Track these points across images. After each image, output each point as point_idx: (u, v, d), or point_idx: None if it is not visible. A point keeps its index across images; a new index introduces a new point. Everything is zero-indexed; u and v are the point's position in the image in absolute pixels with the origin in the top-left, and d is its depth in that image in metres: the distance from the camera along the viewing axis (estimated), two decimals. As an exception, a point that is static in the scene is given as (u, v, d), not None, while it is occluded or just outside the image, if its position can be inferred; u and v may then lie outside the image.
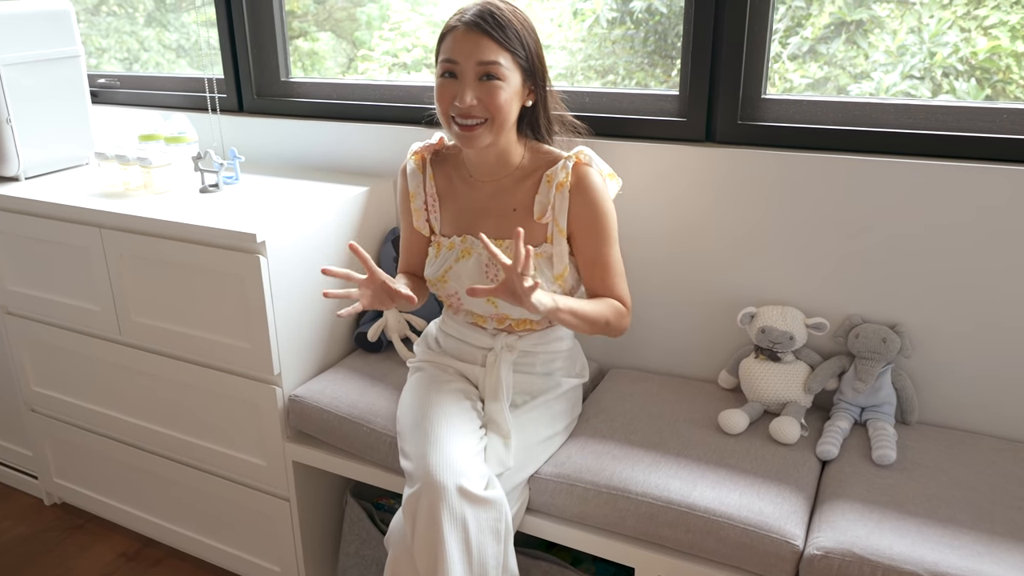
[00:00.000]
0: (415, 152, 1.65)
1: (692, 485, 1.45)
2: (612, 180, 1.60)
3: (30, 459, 2.38)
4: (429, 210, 1.64)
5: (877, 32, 1.77)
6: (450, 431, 1.46)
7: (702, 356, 1.85)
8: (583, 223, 1.52)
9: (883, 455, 1.51)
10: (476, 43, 1.40)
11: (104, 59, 2.83)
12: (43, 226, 1.96)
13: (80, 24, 2.76)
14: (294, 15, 2.51)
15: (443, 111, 1.46)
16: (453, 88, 1.43)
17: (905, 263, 1.61)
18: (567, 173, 1.50)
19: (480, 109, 1.42)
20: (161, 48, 2.77)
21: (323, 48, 2.55)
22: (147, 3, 2.73)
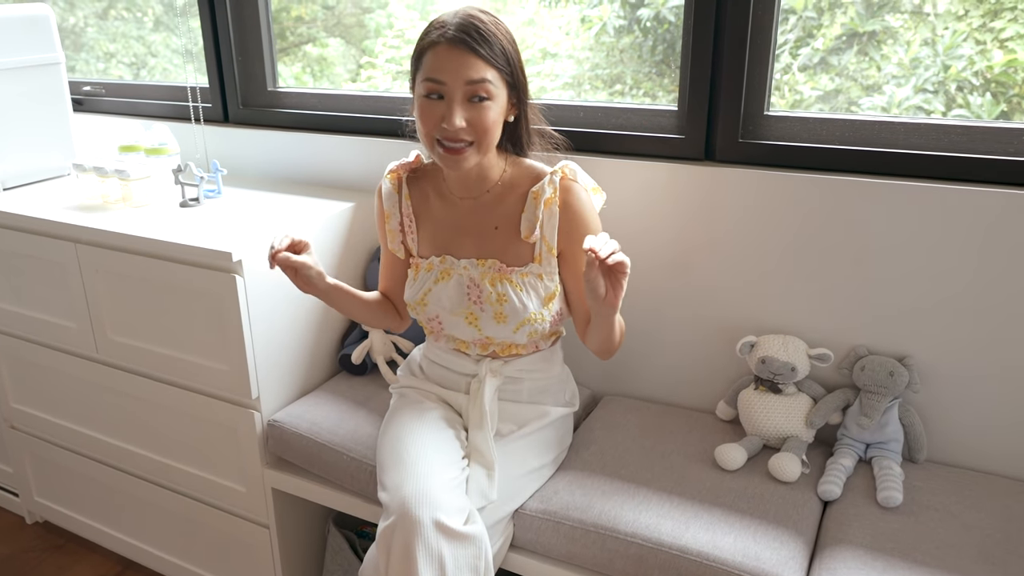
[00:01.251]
0: (391, 171, 1.57)
1: (685, 526, 1.37)
2: (596, 194, 1.53)
3: (11, 476, 2.32)
4: (406, 231, 1.56)
5: (890, 44, 1.71)
6: (429, 462, 1.38)
7: (699, 385, 1.77)
8: (572, 241, 1.45)
9: (889, 497, 1.42)
10: (463, 61, 1.32)
11: (112, 64, 2.79)
12: (19, 240, 1.90)
13: (89, 28, 2.72)
14: (302, 20, 2.47)
15: (427, 133, 1.38)
16: (439, 109, 1.34)
17: (915, 292, 1.52)
18: (554, 189, 1.43)
19: (468, 131, 1.35)
20: (169, 53, 2.72)
21: (332, 54, 2.50)
22: (156, 8, 2.68)
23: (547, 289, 1.47)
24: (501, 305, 1.45)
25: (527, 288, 1.46)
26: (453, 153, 1.36)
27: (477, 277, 1.47)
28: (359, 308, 1.59)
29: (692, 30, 1.61)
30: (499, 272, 1.46)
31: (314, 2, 2.45)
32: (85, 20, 2.76)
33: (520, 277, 1.46)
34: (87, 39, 2.78)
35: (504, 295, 1.45)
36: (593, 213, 1.47)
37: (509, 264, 1.46)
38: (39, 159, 2.12)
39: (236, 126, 2.21)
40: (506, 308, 1.45)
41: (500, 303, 1.45)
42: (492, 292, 1.45)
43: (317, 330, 1.84)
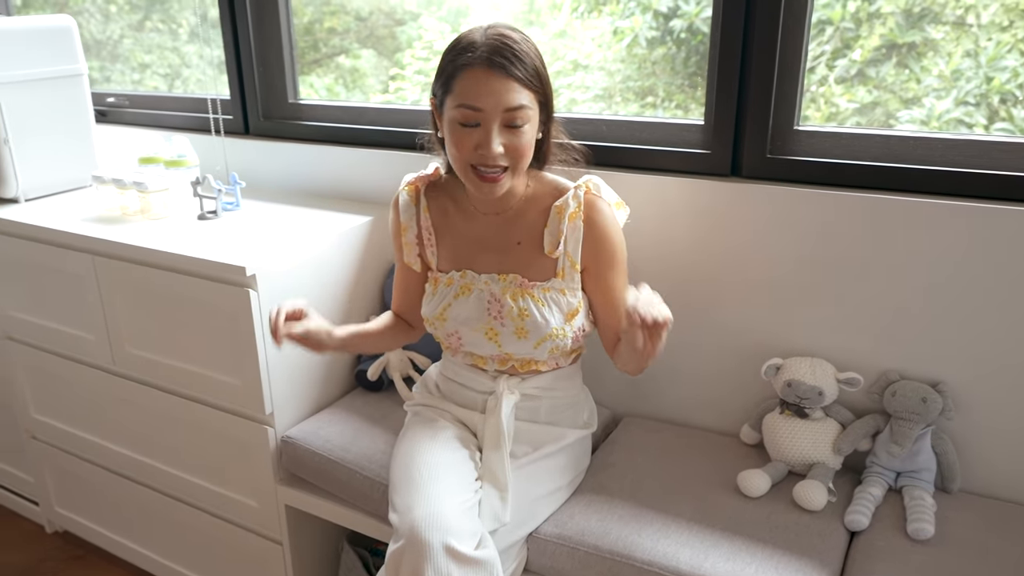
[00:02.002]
0: (409, 183, 1.54)
1: (704, 555, 1.32)
2: (620, 209, 1.49)
3: (32, 486, 2.33)
4: (424, 244, 1.53)
5: (931, 55, 1.65)
6: (441, 484, 1.35)
7: (723, 408, 1.72)
8: (597, 255, 1.41)
9: (919, 529, 1.35)
10: (500, 87, 1.27)
11: (147, 75, 2.81)
12: (38, 251, 1.90)
13: (125, 40, 2.74)
14: (335, 32, 2.46)
15: (462, 159, 1.33)
16: (475, 136, 1.29)
17: (950, 315, 1.46)
18: (578, 203, 1.40)
19: (504, 156, 1.31)
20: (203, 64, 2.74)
21: (365, 66, 2.49)
22: (190, 19, 2.69)
23: (570, 305, 1.43)
24: (523, 320, 1.41)
25: (549, 303, 1.42)
26: (490, 181, 1.33)
27: (498, 292, 1.44)
28: (377, 342, 1.60)
29: (720, 42, 1.56)
30: (521, 287, 1.43)
31: (347, 14, 2.45)
32: (122, 32, 2.79)
33: (542, 292, 1.42)
34: (123, 50, 2.80)
35: (526, 310, 1.41)
36: (617, 229, 1.43)
37: (531, 279, 1.43)
38: (61, 170, 2.13)
39: (256, 138, 2.20)
40: (528, 323, 1.41)
41: (522, 318, 1.41)
42: (514, 307, 1.42)
43: (333, 345, 1.82)
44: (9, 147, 1.97)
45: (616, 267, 1.43)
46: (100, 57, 2.85)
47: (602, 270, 1.42)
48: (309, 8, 2.43)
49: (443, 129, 1.35)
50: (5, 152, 1.98)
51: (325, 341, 1.45)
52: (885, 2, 1.66)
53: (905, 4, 1.64)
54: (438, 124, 1.39)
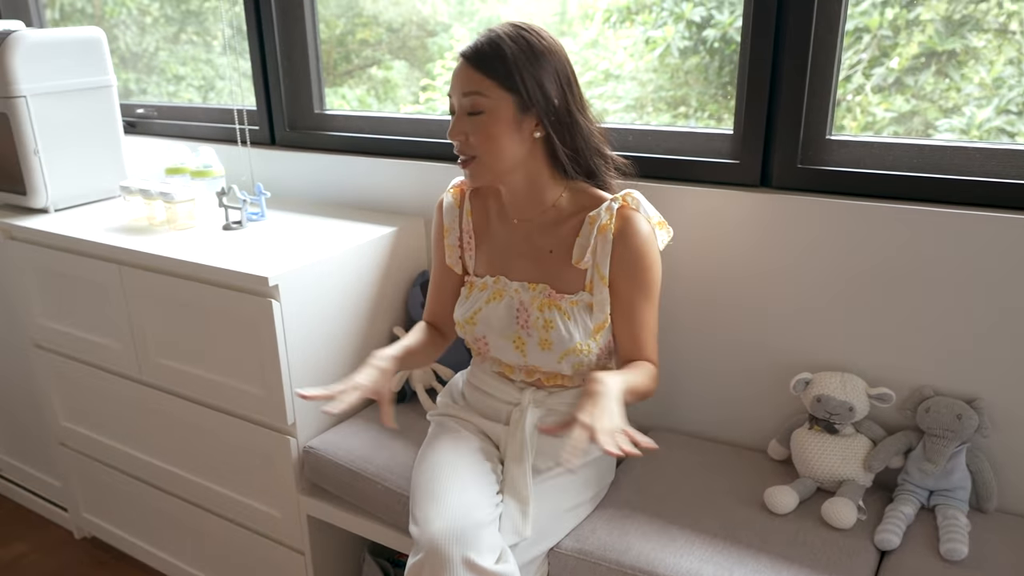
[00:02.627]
0: (454, 186, 1.56)
1: (728, 572, 1.29)
2: (662, 230, 1.44)
3: (61, 492, 2.35)
4: (464, 247, 1.54)
5: (971, 63, 1.60)
6: (462, 497, 1.33)
7: (751, 422, 1.68)
8: (625, 272, 1.38)
9: (953, 549, 1.31)
10: (462, 75, 1.35)
11: (181, 86, 2.84)
12: (67, 260, 1.92)
13: (160, 52, 2.77)
14: (367, 43, 2.47)
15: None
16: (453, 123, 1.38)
17: (987, 330, 1.42)
18: (611, 216, 1.37)
19: (468, 145, 1.37)
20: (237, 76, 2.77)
21: (396, 76, 2.50)
22: (224, 32, 2.72)
23: (596, 320, 1.41)
24: (547, 332, 1.40)
25: (575, 317, 1.40)
26: (462, 165, 1.39)
27: (527, 301, 1.43)
28: (420, 358, 1.57)
29: (750, 50, 1.53)
30: (548, 298, 1.42)
31: (379, 25, 2.45)
32: (157, 44, 2.82)
33: (569, 305, 1.40)
34: (158, 62, 2.84)
35: (551, 322, 1.40)
36: (651, 248, 1.38)
37: (559, 290, 1.42)
38: (90, 181, 2.15)
39: (282, 149, 2.21)
40: (552, 335, 1.40)
41: (546, 330, 1.40)
42: (539, 318, 1.40)
43: (356, 356, 1.81)
44: (39, 158, 2.00)
45: (643, 289, 1.39)
46: (136, 69, 2.89)
47: (628, 289, 1.39)
48: (342, 20, 2.44)
49: None
50: (35, 163, 2.00)
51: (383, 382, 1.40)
52: (924, 9, 1.62)
53: (945, 11, 1.60)
54: None
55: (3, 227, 2.03)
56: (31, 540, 2.37)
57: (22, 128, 1.96)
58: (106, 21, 2.91)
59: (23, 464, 2.46)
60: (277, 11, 2.10)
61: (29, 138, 1.97)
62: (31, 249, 1.99)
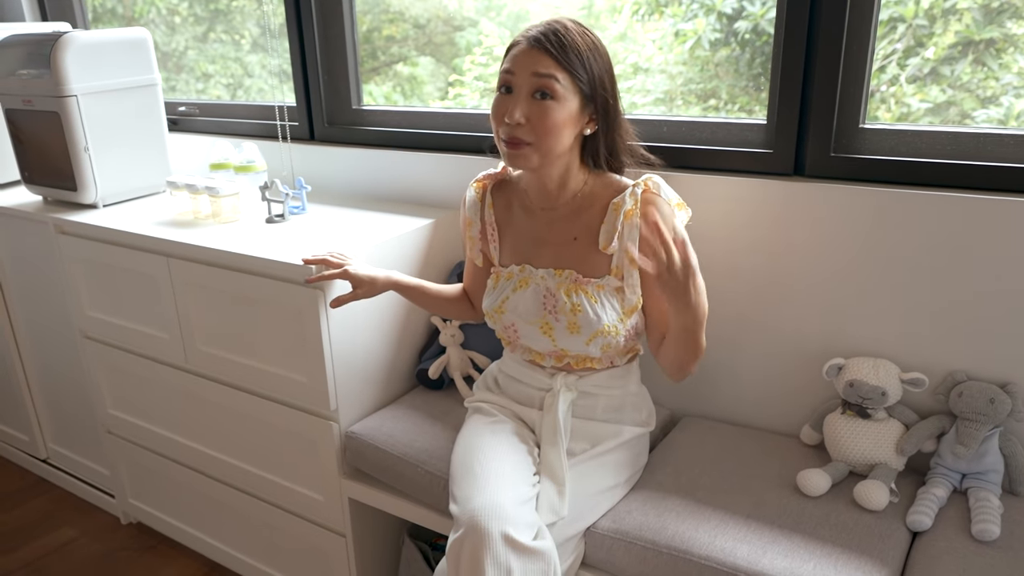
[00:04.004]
0: (477, 180, 1.60)
1: (762, 551, 1.32)
2: (681, 210, 1.50)
3: (108, 479, 2.42)
4: (488, 239, 1.58)
5: (1010, 52, 1.60)
6: (500, 476, 1.38)
7: (783, 408, 1.71)
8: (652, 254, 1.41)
9: (984, 530, 1.33)
10: (536, 56, 1.34)
11: (210, 84, 2.91)
12: (116, 253, 1.99)
13: (189, 51, 2.84)
14: (394, 40, 2.51)
15: (495, 129, 1.41)
16: (507, 104, 1.37)
17: (1020, 314, 1.43)
18: (635, 201, 1.42)
19: (527, 131, 1.36)
20: (265, 74, 2.82)
21: (422, 73, 2.53)
22: (252, 30, 2.77)
23: (629, 302, 1.45)
24: (575, 315, 1.44)
25: (602, 300, 1.44)
26: (512, 148, 1.38)
27: (553, 287, 1.47)
28: (436, 304, 1.70)
29: (783, 40, 1.56)
30: (575, 283, 1.45)
31: (405, 21, 2.48)
32: (186, 43, 2.89)
33: (596, 289, 1.44)
34: (188, 61, 2.90)
35: (579, 305, 1.43)
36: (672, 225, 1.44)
37: (586, 275, 1.46)
38: (137, 177, 2.22)
39: (322, 144, 2.26)
40: (580, 318, 1.43)
41: (574, 313, 1.44)
42: (567, 302, 1.44)
43: (395, 345, 1.86)
44: (89, 155, 2.07)
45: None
46: (166, 68, 2.96)
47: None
48: (368, 16, 2.48)
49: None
50: (85, 160, 2.07)
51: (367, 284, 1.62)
52: None
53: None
54: None
55: (55, 222, 2.11)
56: (79, 526, 2.44)
57: (73, 126, 2.03)
58: (136, 21, 2.98)
59: (71, 452, 2.54)
60: (317, 9, 2.15)
61: (79, 136, 2.05)
62: (81, 243, 2.06)
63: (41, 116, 2.08)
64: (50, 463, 2.64)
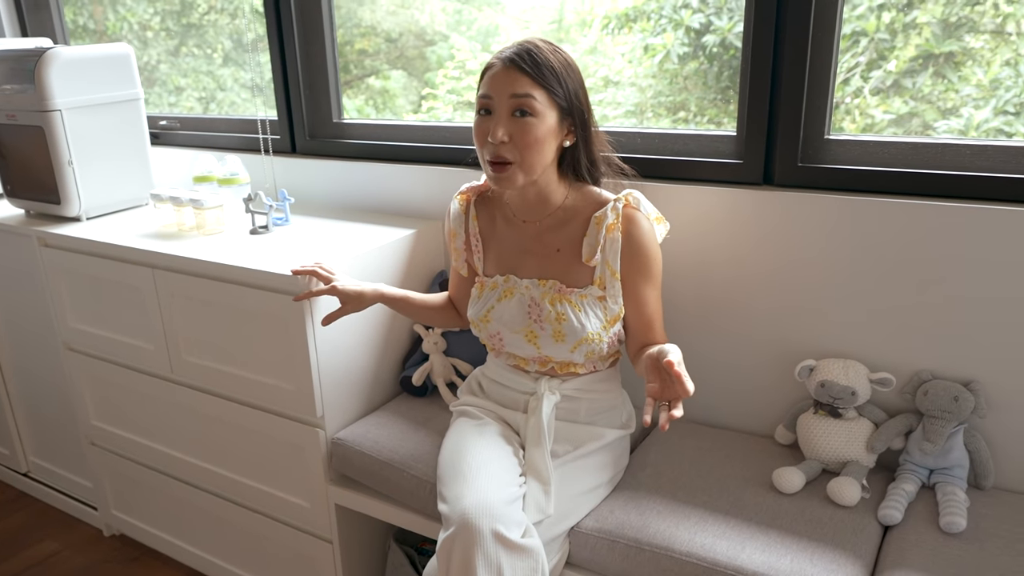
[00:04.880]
0: (461, 193, 1.65)
1: (741, 547, 1.37)
2: (660, 224, 1.56)
3: (90, 491, 2.43)
4: (472, 250, 1.62)
5: (968, 65, 1.67)
6: (489, 476, 1.42)
7: (757, 409, 1.76)
8: (633, 266, 1.48)
9: (952, 522, 1.39)
10: (512, 78, 1.39)
11: (183, 97, 2.93)
12: (101, 266, 2.00)
13: (161, 65, 2.86)
14: (366, 53, 2.54)
15: (479, 151, 1.46)
16: (487, 125, 1.42)
17: (981, 315, 1.50)
18: (617, 215, 1.47)
19: (510, 148, 1.40)
20: (237, 87, 2.84)
21: (395, 86, 2.57)
22: (225, 44, 2.80)
23: (611, 312, 1.50)
24: (560, 324, 1.48)
25: (586, 309, 1.49)
26: (498, 170, 1.42)
27: (538, 296, 1.51)
28: (422, 313, 1.74)
29: (751, 54, 1.62)
30: (559, 292, 1.50)
31: (377, 35, 2.52)
32: (158, 57, 2.90)
33: (579, 298, 1.49)
34: (160, 75, 2.92)
35: (563, 314, 1.48)
36: (654, 242, 1.50)
37: (569, 285, 1.50)
38: (120, 190, 2.24)
39: (303, 157, 2.30)
40: (564, 327, 1.48)
41: (559, 322, 1.48)
42: (552, 311, 1.49)
43: (379, 352, 1.90)
44: (73, 168, 2.09)
45: (650, 279, 1.50)
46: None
47: (636, 281, 1.49)
48: (340, 30, 2.51)
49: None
50: (69, 173, 2.09)
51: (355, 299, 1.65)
52: (921, 12, 1.68)
53: (942, 14, 1.66)
54: None
55: (38, 235, 2.12)
56: (61, 539, 2.44)
57: (57, 140, 2.05)
58: (108, 36, 2.99)
59: (52, 465, 2.54)
60: (298, 24, 2.19)
61: (63, 150, 2.06)
62: (65, 256, 2.08)
63: (25, 130, 2.09)
64: (31, 476, 2.63)
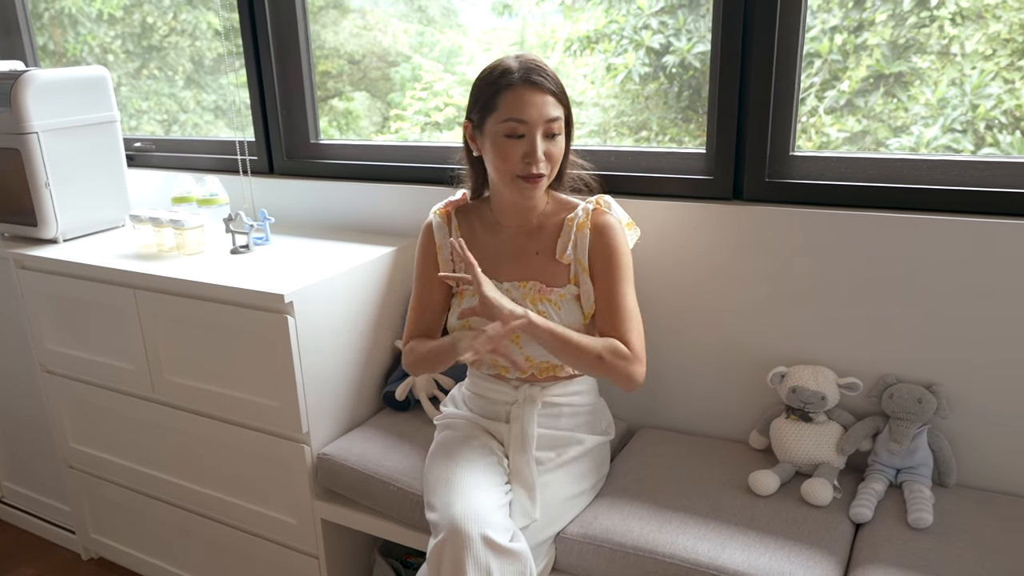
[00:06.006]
0: (439, 208, 1.68)
1: (721, 547, 1.43)
2: (631, 230, 1.64)
3: (68, 514, 2.41)
4: (456, 260, 1.65)
5: (917, 85, 1.75)
6: (476, 483, 1.46)
7: (732, 416, 1.83)
8: (601, 261, 1.54)
9: (919, 518, 1.46)
10: (541, 101, 1.46)
11: (144, 120, 2.93)
12: (80, 287, 2.01)
13: (122, 87, 2.87)
14: (329, 75, 2.57)
15: (509, 169, 1.49)
16: (521, 147, 1.47)
17: (941, 321, 1.58)
18: (587, 215, 1.56)
19: (544, 166, 1.48)
20: (200, 109, 2.85)
21: (358, 108, 2.60)
22: (186, 66, 2.81)
23: (587, 308, 1.56)
24: None
25: (564, 307, 1.55)
26: (533, 182, 1.49)
27: (519, 297, 1.56)
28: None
29: (719, 75, 1.69)
30: (540, 292, 1.56)
31: (340, 57, 2.55)
32: (119, 79, 2.91)
33: (559, 297, 1.55)
34: (120, 98, 2.92)
35: (545, 313, 1.53)
36: (622, 238, 1.55)
37: (549, 284, 1.56)
38: (96, 211, 2.25)
39: (281, 177, 2.33)
40: None
41: None
42: (534, 310, 1.51)
43: (362, 368, 1.93)
44: (50, 190, 2.09)
45: (616, 273, 1.53)
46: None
47: (607, 276, 1.53)
48: (306, 52, 2.54)
49: (484, 147, 1.52)
50: (46, 195, 2.09)
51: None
52: (871, 34, 1.76)
53: (890, 36, 1.74)
54: (474, 146, 1.55)
55: (14, 257, 2.12)
56: (38, 564, 2.42)
57: (34, 162, 2.06)
58: (67, 59, 2.99)
59: (28, 490, 2.52)
60: (275, 45, 2.23)
61: (40, 172, 2.07)
62: (43, 278, 2.08)
63: (1, 153, 2.10)
64: (5, 502, 2.61)
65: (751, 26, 1.63)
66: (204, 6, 2.68)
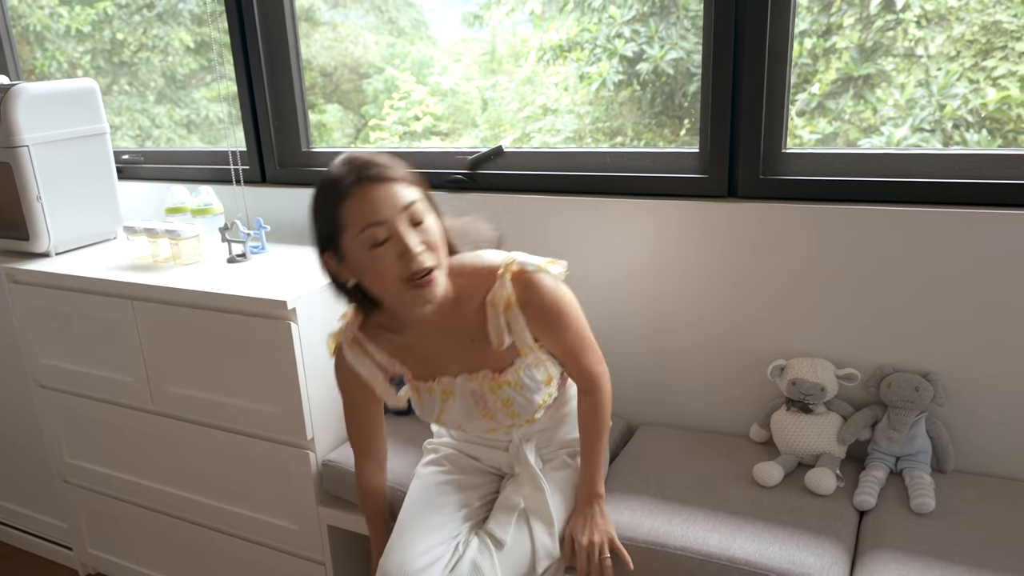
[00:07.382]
0: (344, 342, 1.51)
1: (731, 538, 1.45)
2: (554, 266, 1.45)
3: (64, 531, 2.39)
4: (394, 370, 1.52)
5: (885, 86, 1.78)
6: (414, 537, 1.46)
7: (733, 410, 1.85)
8: (546, 327, 1.44)
9: (922, 503, 1.50)
10: (389, 193, 1.28)
11: (117, 136, 2.91)
12: (75, 300, 2.00)
13: None
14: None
15: (392, 277, 1.30)
16: (391, 250, 1.28)
17: (935, 311, 1.62)
18: (506, 291, 1.39)
19: (429, 255, 1.30)
20: (172, 124, 2.84)
21: (331, 120, 2.61)
22: (158, 81, 2.80)
23: (545, 373, 1.48)
24: (510, 407, 1.47)
25: (525, 384, 1.46)
26: (427, 284, 1.30)
27: (476, 389, 1.47)
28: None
29: (711, 75, 1.72)
30: (494, 381, 1.46)
31: (312, 70, 2.55)
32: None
33: (515, 374, 1.45)
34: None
35: (509, 399, 1.46)
36: (556, 294, 1.42)
37: (500, 371, 1.46)
38: (88, 224, 2.23)
39: (273, 186, 2.33)
40: (515, 408, 1.47)
41: (508, 406, 1.47)
42: (496, 399, 1.46)
43: (363, 373, 1.93)
44: (42, 204, 2.08)
45: (567, 328, 1.45)
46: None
47: (556, 334, 1.45)
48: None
49: (355, 272, 1.36)
50: (37, 208, 2.08)
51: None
52: (839, 38, 1.79)
53: (858, 39, 1.78)
54: (341, 275, 1.40)
55: (6, 271, 2.10)
56: (34, 582, 2.40)
57: (25, 176, 2.05)
58: (35, 75, 2.97)
59: (21, 507, 2.49)
60: (265, 55, 2.23)
61: (31, 185, 2.06)
62: (37, 292, 2.06)
63: (-8, 167, 2.08)
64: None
65: (743, 24, 1.66)
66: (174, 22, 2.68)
